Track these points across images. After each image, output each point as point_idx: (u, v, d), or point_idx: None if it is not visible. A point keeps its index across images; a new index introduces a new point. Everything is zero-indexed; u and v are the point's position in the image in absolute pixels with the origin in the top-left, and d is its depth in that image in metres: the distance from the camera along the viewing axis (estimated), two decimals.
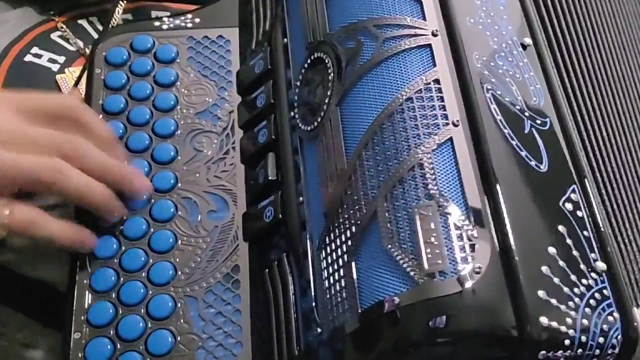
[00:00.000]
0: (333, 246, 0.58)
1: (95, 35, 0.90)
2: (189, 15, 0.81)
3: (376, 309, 0.54)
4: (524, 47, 0.65)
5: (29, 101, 0.68)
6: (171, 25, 0.80)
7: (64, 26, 0.89)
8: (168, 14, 0.93)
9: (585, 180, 0.60)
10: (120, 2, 0.90)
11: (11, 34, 0.85)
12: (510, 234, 0.54)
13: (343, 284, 0.56)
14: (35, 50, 0.87)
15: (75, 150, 0.66)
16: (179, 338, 0.64)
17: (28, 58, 0.86)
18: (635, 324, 0.55)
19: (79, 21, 0.91)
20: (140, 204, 0.70)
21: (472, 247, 0.54)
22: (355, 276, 0.56)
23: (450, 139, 0.57)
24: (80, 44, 0.88)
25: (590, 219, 0.58)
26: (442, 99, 0.59)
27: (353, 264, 0.56)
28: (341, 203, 0.59)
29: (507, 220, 0.55)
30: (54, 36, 0.89)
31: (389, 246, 0.54)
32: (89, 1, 0.92)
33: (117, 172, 0.68)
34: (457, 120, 0.58)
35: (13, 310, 0.75)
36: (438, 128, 0.58)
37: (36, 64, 0.86)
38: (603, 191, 0.61)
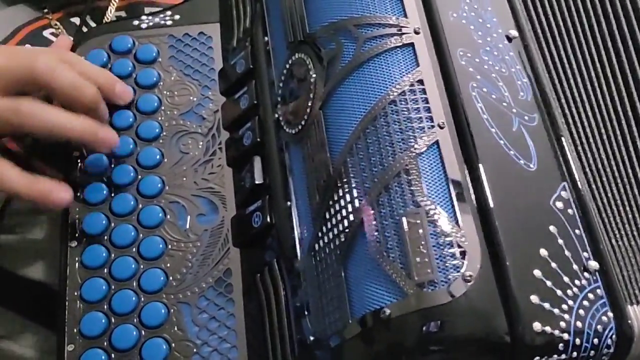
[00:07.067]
0: (322, 254, 0.58)
1: None
2: (169, 13, 0.79)
3: (367, 319, 0.53)
4: (510, 39, 0.63)
5: None
6: (150, 24, 0.78)
7: (58, 23, 0.88)
8: (161, 9, 0.91)
9: (576, 177, 0.59)
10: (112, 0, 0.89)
11: (3, 32, 0.84)
12: (501, 239, 0.54)
13: (334, 293, 0.56)
14: (27, 47, 0.85)
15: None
16: (173, 345, 0.63)
17: None
18: (629, 322, 0.55)
19: (72, 19, 0.89)
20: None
21: (462, 254, 0.53)
22: (345, 285, 0.55)
23: (436, 142, 0.56)
24: None
25: (581, 216, 0.58)
26: (426, 100, 0.58)
27: (342, 273, 0.56)
28: (328, 210, 0.58)
29: (497, 225, 0.54)
30: (47, 33, 0.87)
31: (377, 256, 0.54)
32: None
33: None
34: (443, 122, 0.57)
35: (8, 310, 0.75)
36: (423, 131, 0.57)
37: None
38: (593, 186, 0.61)
